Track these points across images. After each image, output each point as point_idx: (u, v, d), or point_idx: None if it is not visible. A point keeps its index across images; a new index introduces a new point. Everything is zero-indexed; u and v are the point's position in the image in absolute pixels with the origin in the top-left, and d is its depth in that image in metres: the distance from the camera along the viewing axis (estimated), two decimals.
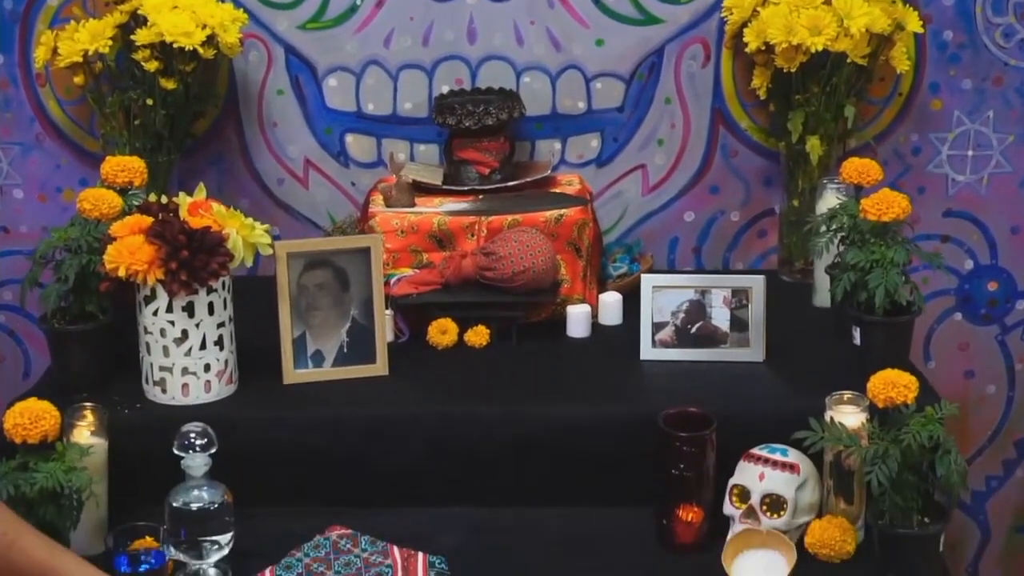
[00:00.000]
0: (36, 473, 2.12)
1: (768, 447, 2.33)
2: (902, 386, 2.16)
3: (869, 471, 2.14)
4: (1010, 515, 3.13)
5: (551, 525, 2.39)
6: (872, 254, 2.40)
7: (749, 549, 2.26)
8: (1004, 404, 3.08)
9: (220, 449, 2.26)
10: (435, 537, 2.34)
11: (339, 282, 2.50)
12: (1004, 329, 3.05)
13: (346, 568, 2.23)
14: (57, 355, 2.51)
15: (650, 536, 2.36)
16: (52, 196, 2.94)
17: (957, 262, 3.00)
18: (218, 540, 2.26)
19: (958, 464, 2.12)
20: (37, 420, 2.14)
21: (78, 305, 2.47)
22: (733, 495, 2.33)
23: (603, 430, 2.40)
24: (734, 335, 2.55)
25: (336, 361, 2.51)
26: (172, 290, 2.34)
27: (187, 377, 2.41)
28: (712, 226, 2.98)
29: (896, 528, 2.17)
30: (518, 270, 2.58)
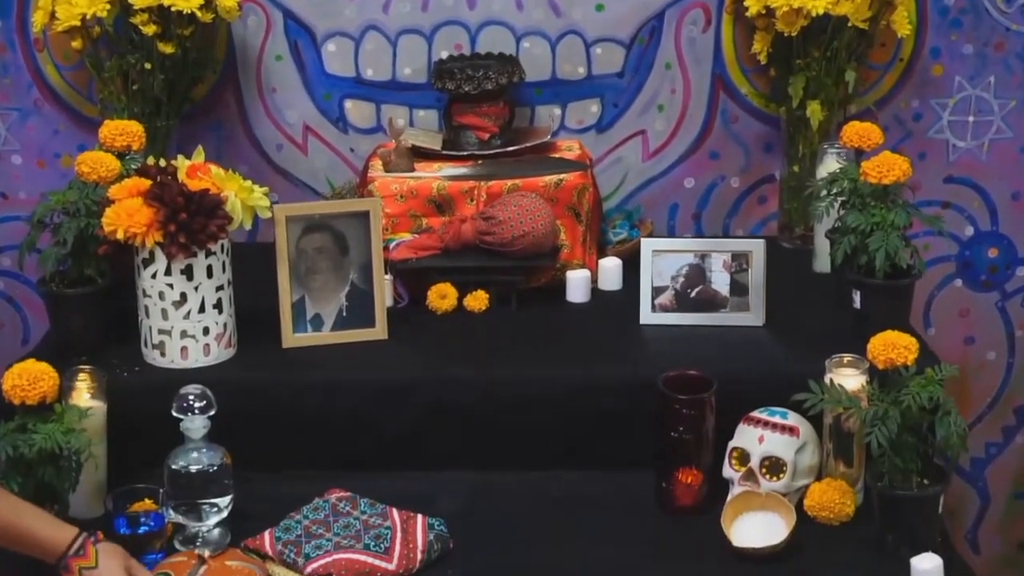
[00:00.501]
0: (35, 434, 2.11)
1: (768, 410, 2.33)
2: (902, 347, 2.16)
3: (869, 433, 2.13)
4: (1009, 481, 3.13)
5: (550, 488, 2.39)
6: (872, 217, 2.40)
7: (748, 511, 2.26)
8: (1004, 371, 3.08)
9: (219, 413, 2.26)
10: (434, 500, 2.34)
11: (338, 246, 2.50)
12: (1004, 295, 3.04)
13: (345, 530, 2.23)
14: (55, 319, 2.50)
15: (649, 499, 2.36)
16: (50, 162, 2.93)
17: (958, 228, 2.99)
18: (217, 503, 2.26)
19: (958, 425, 2.12)
20: (36, 381, 2.14)
21: (76, 269, 2.46)
22: (732, 458, 2.33)
23: (603, 393, 2.40)
24: (734, 299, 2.54)
25: (335, 325, 2.51)
26: (170, 253, 2.34)
27: (186, 340, 2.40)
28: (712, 192, 2.98)
29: (895, 490, 2.17)
30: (517, 234, 2.57)
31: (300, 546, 2.19)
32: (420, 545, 2.21)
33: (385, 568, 2.17)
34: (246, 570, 2.10)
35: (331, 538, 2.21)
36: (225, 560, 2.12)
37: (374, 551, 2.18)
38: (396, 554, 2.19)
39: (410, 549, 2.20)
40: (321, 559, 2.16)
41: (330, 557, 2.16)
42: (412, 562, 2.19)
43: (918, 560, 2.11)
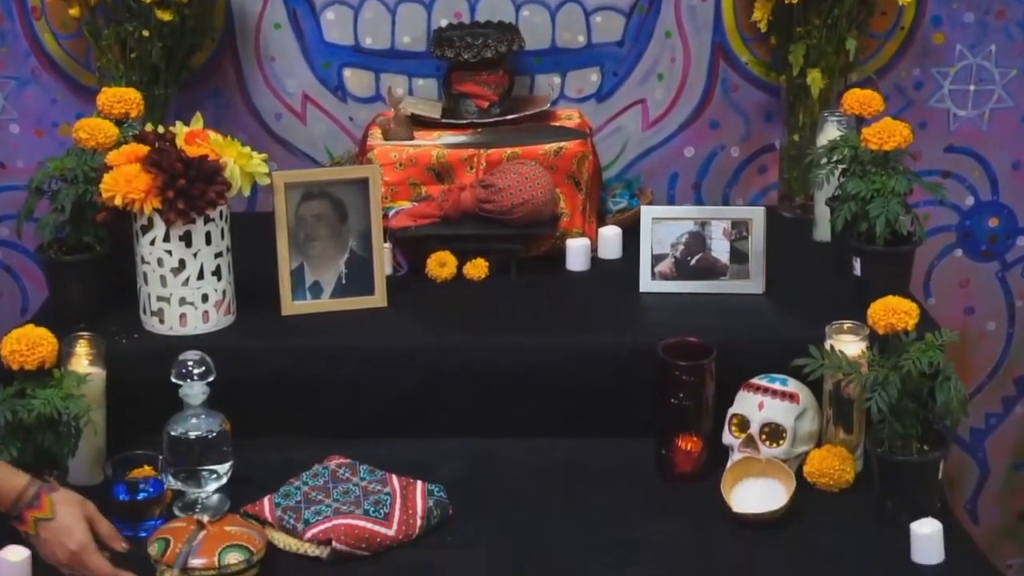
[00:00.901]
0: (33, 400, 2.11)
1: (767, 377, 2.33)
2: (902, 312, 2.16)
3: (869, 398, 2.13)
4: (1009, 452, 3.13)
5: (550, 456, 2.39)
6: (873, 184, 2.39)
7: (748, 478, 2.26)
8: (1004, 341, 3.07)
9: (218, 380, 2.26)
10: (434, 467, 2.34)
11: (337, 213, 2.49)
12: (1004, 265, 3.04)
13: (344, 496, 2.23)
14: (54, 287, 2.50)
15: (649, 466, 2.35)
16: (48, 131, 2.92)
17: (958, 198, 2.98)
18: (216, 469, 2.26)
19: (958, 391, 2.11)
20: (34, 346, 2.13)
21: (75, 236, 2.46)
22: (732, 424, 2.33)
23: (602, 361, 2.40)
24: (734, 267, 2.54)
25: (334, 293, 2.50)
26: (169, 219, 2.33)
27: (185, 307, 2.40)
28: (712, 161, 2.97)
29: (895, 455, 2.17)
30: (517, 202, 2.57)
31: (299, 512, 2.19)
32: (420, 511, 2.21)
33: (384, 534, 2.17)
34: (245, 535, 2.10)
35: (330, 504, 2.21)
36: (224, 525, 2.12)
37: (373, 517, 2.18)
38: (395, 520, 2.19)
39: (409, 515, 2.20)
40: (320, 525, 2.16)
41: (329, 523, 2.16)
42: (412, 528, 2.19)
43: (918, 525, 2.11)
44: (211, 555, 2.06)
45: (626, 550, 2.16)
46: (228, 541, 2.08)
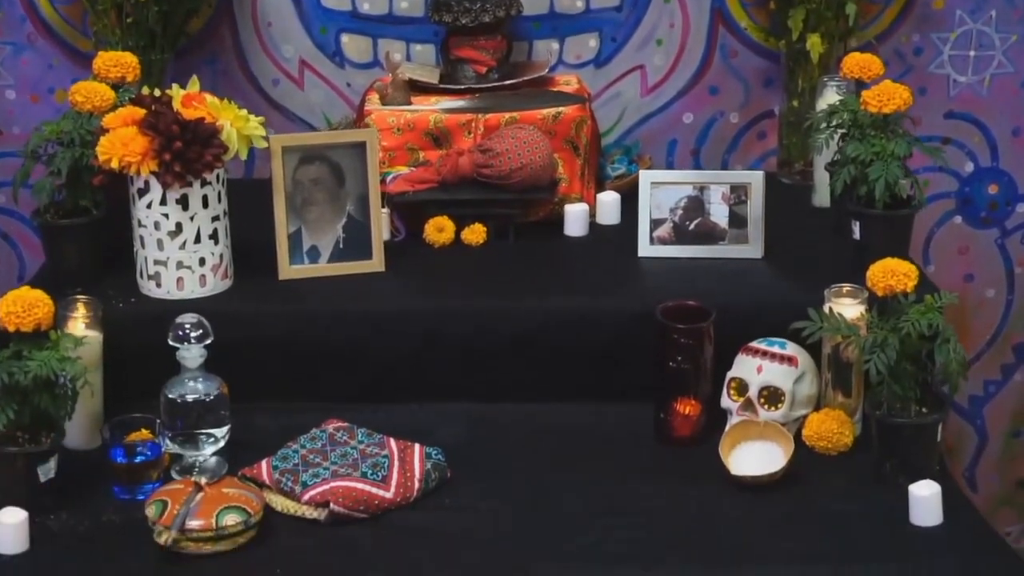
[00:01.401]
0: (30, 361, 2.10)
1: (766, 340, 2.32)
2: (902, 274, 2.15)
3: (867, 360, 2.13)
4: (1007, 420, 3.12)
5: (548, 420, 2.39)
6: (872, 147, 2.38)
7: (747, 441, 2.26)
8: (1003, 308, 3.07)
9: (216, 344, 2.25)
10: (432, 431, 2.34)
11: (334, 177, 2.48)
12: (1004, 232, 3.03)
13: (342, 459, 2.22)
14: (50, 251, 2.49)
15: (648, 430, 2.35)
16: (44, 97, 2.91)
17: (958, 164, 2.97)
18: (214, 433, 2.26)
19: (957, 352, 2.11)
20: (31, 308, 2.12)
21: (71, 200, 2.45)
22: (731, 388, 2.32)
23: (601, 324, 2.40)
24: (732, 231, 2.53)
25: (332, 257, 2.49)
26: (166, 182, 2.32)
27: (182, 271, 2.39)
28: (711, 128, 2.96)
29: (894, 417, 2.16)
30: (515, 167, 2.56)
31: (297, 475, 2.19)
32: (418, 474, 2.20)
33: (382, 496, 2.16)
34: (243, 497, 2.10)
35: (328, 467, 2.20)
36: (222, 488, 2.11)
37: (371, 479, 2.18)
38: (393, 482, 2.18)
39: (408, 478, 2.20)
40: (318, 487, 2.16)
41: (327, 485, 2.16)
42: (410, 491, 2.19)
43: (916, 487, 2.11)
44: (208, 517, 2.06)
45: (624, 513, 2.15)
46: (226, 503, 2.08)
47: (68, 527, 2.13)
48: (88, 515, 2.16)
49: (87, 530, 2.13)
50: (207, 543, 2.06)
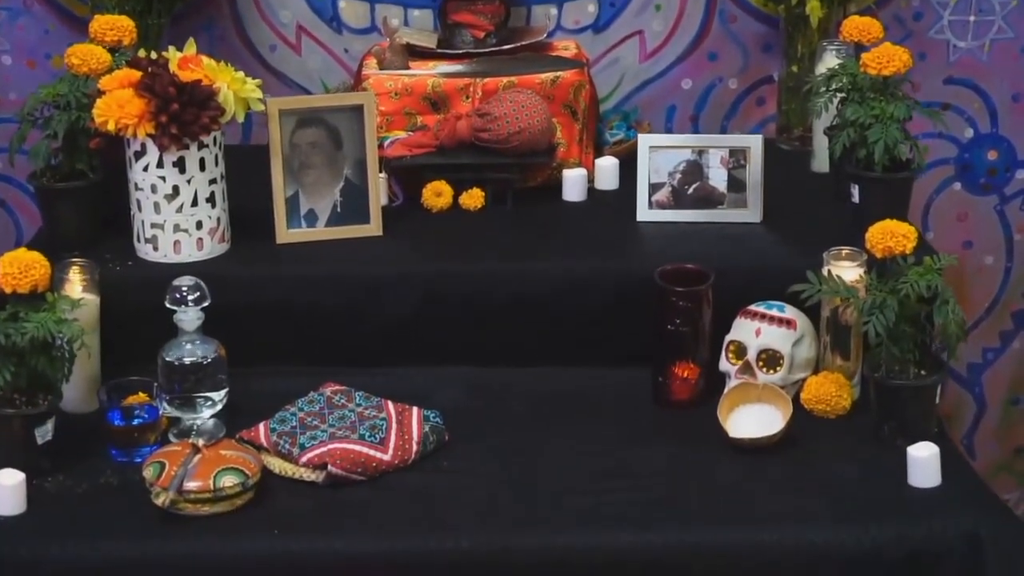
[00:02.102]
0: (26, 323, 2.09)
1: (765, 303, 2.32)
2: (901, 235, 2.14)
3: (866, 322, 2.12)
4: (1006, 387, 3.12)
5: (546, 384, 2.39)
6: (872, 110, 2.37)
7: (745, 404, 2.25)
8: (1002, 275, 3.06)
9: (213, 308, 2.25)
10: (430, 395, 2.33)
11: (332, 141, 2.47)
12: (1003, 199, 3.02)
13: (340, 421, 2.22)
14: (47, 215, 2.48)
15: (646, 394, 2.35)
16: (41, 62, 2.90)
17: (957, 130, 2.96)
18: (211, 396, 2.26)
19: (956, 314, 2.11)
20: (27, 270, 2.12)
21: (68, 164, 2.44)
22: (729, 351, 2.32)
23: (599, 288, 2.39)
24: (731, 196, 2.52)
25: (329, 221, 2.49)
26: (162, 144, 2.31)
27: (179, 234, 2.39)
28: (710, 94, 2.95)
29: (892, 379, 2.16)
30: (513, 131, 2.55)
31: (295, 437, 2.18)
32: (415, 436, 2.20)
33: (380, 458, 2.16)
34: (241, 459, 2.10)
35: (326, 429, 2.20)
36: (219, 449, 2.11)
37: (369, 442, 2.17)
38: (391, 445, 2.18)
39: (405, 440, 2.19)
40: (316, 449, 2.15)
41: (325, 447, 2.15)
42: (407, 453, 2.18)
43: (914, 449, 2.11)
44: (206, 478, 2.05)
45: (622, 476, 2.15)
46: (223, 464, 2.07)
47: (65, 489, 2.13)
48: (85, 477, 2.15)
49: (84, 492, 2.12)
50: (205, 504, 2.06)
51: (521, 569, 2.02)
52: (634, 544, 2.02)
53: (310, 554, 2.01)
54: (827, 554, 2.02)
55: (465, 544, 2.02)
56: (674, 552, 2.02)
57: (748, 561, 2.02)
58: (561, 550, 2.02)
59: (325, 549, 2.02)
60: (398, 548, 2.02)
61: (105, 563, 2.00)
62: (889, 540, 2.01)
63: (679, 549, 2.02)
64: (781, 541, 2.02)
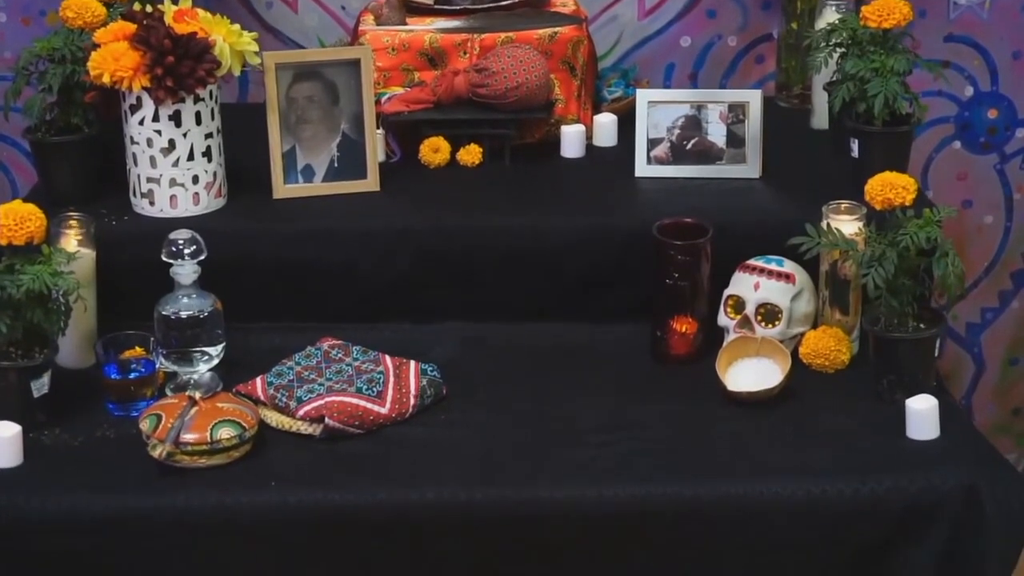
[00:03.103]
0: (22, 275, 2.09)
1: (764, 258, 2.31)
2: (900, 187, 2.13)
3: (865, 274, 2.11)
4: (1004, 347, 3.11)
5: (545, 339, 2.38)
6: (872, 63, 2.36)
7: (744, 358, 2.25)
8: (1001, 235, 3.05)
9: (210, 264, 2.24)
10: (428, 351, 2.33)
11: (329, 95, 2.46)
12: (1003, 158, 3.01)
13: (337, 375, 2.21)
14: (43, 170, 2.47)
15: (644, 349, 2.34)
16: (36, 19, 2.87)
17: (957, 88, 2.95)
18: (208, 351, 2.25)
19: (955, 266, 2.10)
20: (23, 222, 2.11)
21: (63, 118, 2.43)
22: (728, 306, 2.31)
23: (597, 243, 2.38)
24: (730, 151, 2.51)
25: (326, 176, 2.47)
26: (158, 97, 2.30)
27: (175, 189, 2.37)
28: (709, 51, 2.93)
29: (891, 332, 2.15)
30: (511, 86, 2.53)
31: (292, 390, 2.18)
32: (413, 390, 2.20)
33: (378, 412, 2.15)
34: (238, 411, 2.09)
35: (323, 383, 2.19)
36: (216, 402, 2.11)
37: (367, 395, 2.17)
38: (389, 398, 2.17)
39: (403, 394, 2.19)
40: (313, 402, 2.15)
41: (322, 400, 2.15)
42: (405, 407, 2.18)
43: (913, 401, 2.10)
44: (203, 430, 2.05)
45: (620, 429, 2.15)
46: (220, 417, 2.07)
47: (62, 442, 2.13)
48: (82, 431, 2.15)
49: (81, 445, 2.12)
50: (201, 457, 2.05)
51: (519, 521, 2.02)
52: (632, 496, 2.02)
53: (307, 506, 2.01)
54: (825, 506, 2.01)
55: (463, 496, 2.02)
56: (672, 504, 2.02)
57: (745, 513, 2.02)
58: (560, 502, 2.02)
59: (322, 501, 2.01)
60: (395, 500, 2.02)
61: (102, 515, 2.00)
62: (887, 492, 2.01)
63: (677, 501, 2.02)
64: (779, 493, 2.01)
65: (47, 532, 2.00)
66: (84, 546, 2.00)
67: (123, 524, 2.00)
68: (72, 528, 2.00)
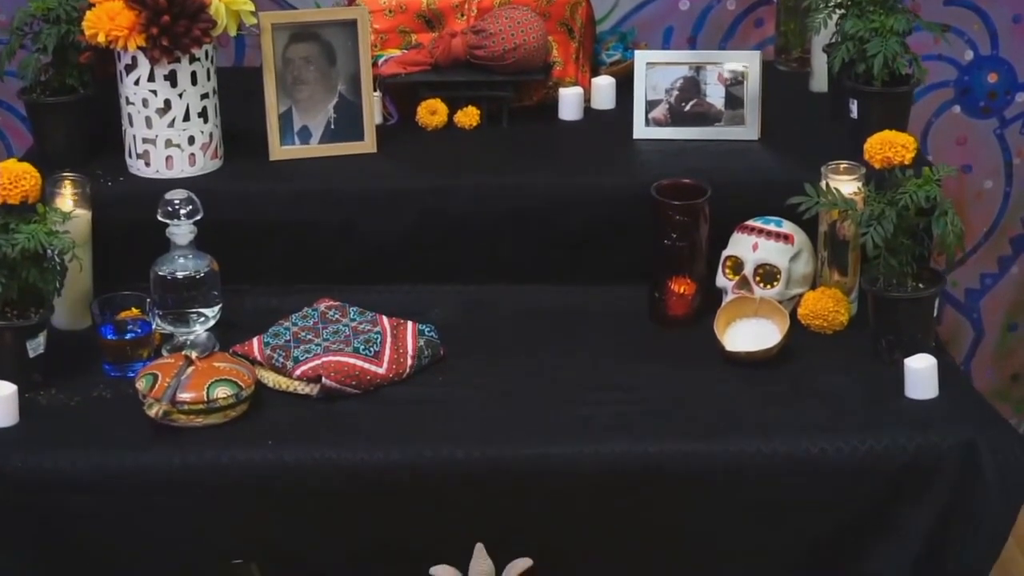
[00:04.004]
0: (17, 234, 2.08)
1: (763, 218, 2.30)
2: (900, 146, 2.13)
3: (864, 233, 2.10)
4: (1003, 313, 3.11)
5: (542, 300, 2.37)
6: (871, 23, 2.34)
7: (742, 318, 2.24)
8: (1001, 200, 3.04)
9: (206, 225, 2.23)
10: (425, 312, 2.32)
11: (326, 56, 2.44)
12: (1003, 122, 3.00)
13: (334, 335, 2.21)
14: (38, 131, 2.46)
15: (642, 311, 2.33)
16: None
17: (957, 53, 2.93)
18: (205, 312, 2.24)
19: (954, 224, 2.09)
20: (17, 180, 2.10)
21: (58, 79, 2.41)
22: (726, 266, 2.30)
23: (595, 204, 2.37)
24: (729, 113, 2.50)
25: (323, 138, 2.46)
26: (153, 57, 2.29)
27: (171, 150, 2.36)
28: (708, 14, 2.92)
29: (890, 292, 2.14)
30: (509, 47, 2.52)
31: (289, 351, 2.17)
32: (410, 350, 2.19)
33: (375, 372, 2.15)
34: (234, 371, 2.08)
35: (320, 343, 2.19)
36: (213, 362, 2.10)
37: (364, 355, 2.16)
38: (386, 359, 2.17)
39: (400, 354, 2.18)
40: (310, 362, 2.14)
41: (319, 360, 2.14)
42: (402, 367, 2.17)
43: (912, 360, 2.10)
44: (199, 389, 2.04)
45: (618, 389, 2.14)
46: (217, 376, 2.06)
47: (58, 402, 2.12)
48: (78, 391, 2.15)
49: (77, 405, 2.12)
50: (198, 416, 2.05)
51: (516, 480, 2.01)
52: (629, 454, 2.01)
53: (304, 465, 2.00)
54: (824, 465, 2.01)
55: (460, 455, 2.01)
56: (670, 462, 2.01)
57: (743, 472, 2.01)
58: (557, 461, 2.02)
59: (319, 460, 2.01)
60: (392, 458, 2.01)
61: (98, 473, 2.00)
62: (886, 450, 2.01)
63: (675, 460, 2.01)
64: (777, 451, 2.01)
65: (43, 491, 1.99)
66: (80, 505, 2.00)
67: (119, 483, 2.00)
68: (68, 487, 1.99)
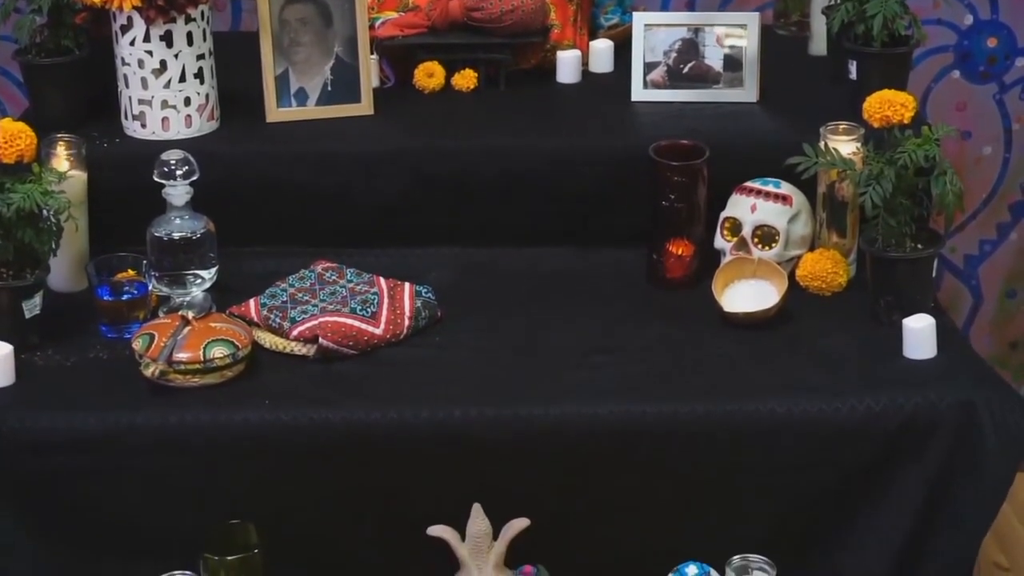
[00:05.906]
0: (12, 194, 2.07)
1: (761, 179, 2.29)
2: (899, 105, 2.12)
3: (863, 192, 2.10)
4: (1002, 279, 3.10)
5: (540, 263, 2.37)
6: None
7: (740, 280, 2.23)
8: (1000, 166, 3.03)
9: (203, 187, 2.22)
10: (422, 275, 2.31)
11: (322, 17, 2.43)
12: (1003, 88, 2.99)
13: (331, 296, 2.20)
14: (33, 93, 2.45)
15: (640, 273, 2.33)
16: None
17: (956, 17, 2.92)
18: (201, 274, 2.23)
19: (953, 184, 2.08)
20: (12, 139, 2.09)
21: (53, 40, 2.40)
22: (724, 228, 2.30)
23: (593, 166, 2.36)
24: (727, 75, 2.49)
25: (320, 100, 2.45)
26: (149, 17, 2.27)
27: (167, 111, 2.35)
28: None
29: (888, 252, 2.14)
30: (506, 9, 2.51)
31: (286, 311, 2.17)
32: (407, 312, 2.18)
33: (372, 332, 2.14)
34: (231, 331, 2.08)
35: (317, 304, 2.18)
36: (210, 322, 2.09)
37: (361, 316, 2.16)
38: (383, 319, 2.16)
39: (397, 315, 2.17)
40: (307, 323, 2.14)
41: (316, 320, 2.14)
42: (399, 328, 2.16)
43: (910, 320, 2.09)
44: (196, 349, 2.04)
45: (615, 351, 2.14)
46: (213, 336, 2.06)
47: (55, 363, 2.12)
48: (75, 352, 2.14)
49: (74, 365, 2.11)
50: (195, 375, 2.04)
51: (514, 440, 2.01)
52: (628, 415, 2.01)
53: (301, 425, 2.00)
54: (822, 424, 2.01)
55: (457, 415, 2.01)
56: (668, 423, 2.01)
57: (741, 432, 2.01)
58: (555, 421, 2.01)
59: (316, 420, 2.00)
60: (390, 419, 2.01)
61: (94, 433, 1.99)
62: (884, 410, 2.00)
63: (673, 420, 2.01)
64: (775, 411, 2.01)
65: (39, 451, 1.99)
66: (76, 465, 2.00)
67: (115, 443, 1.99)
68: (64, 447, 1.99)
